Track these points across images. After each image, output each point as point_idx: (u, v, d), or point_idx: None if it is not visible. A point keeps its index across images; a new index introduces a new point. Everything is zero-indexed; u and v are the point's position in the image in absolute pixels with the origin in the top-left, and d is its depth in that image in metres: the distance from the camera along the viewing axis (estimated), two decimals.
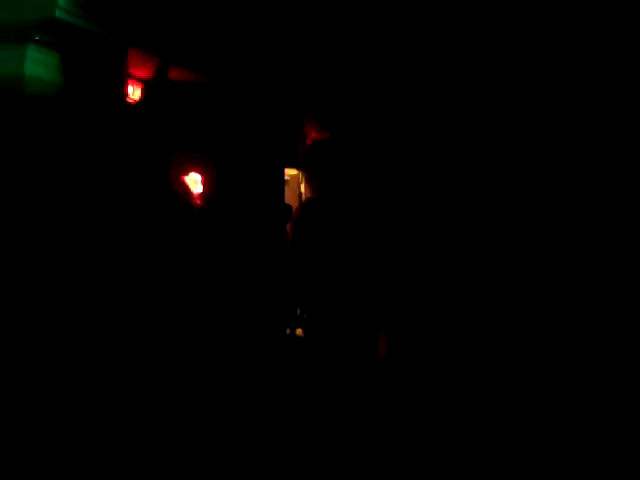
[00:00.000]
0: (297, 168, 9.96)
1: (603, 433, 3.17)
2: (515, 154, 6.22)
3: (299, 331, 4.23)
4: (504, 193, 5.78)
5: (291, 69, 7.07)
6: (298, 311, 4.20)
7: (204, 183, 4.80)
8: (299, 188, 10.40)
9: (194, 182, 4.91)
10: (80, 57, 4.46)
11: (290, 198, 8.99)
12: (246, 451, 3.13)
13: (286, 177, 9.63)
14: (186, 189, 4.28)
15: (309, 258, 2.76)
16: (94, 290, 3.68)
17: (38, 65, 4.17)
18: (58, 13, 4.10)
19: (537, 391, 3.65)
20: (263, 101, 7.63)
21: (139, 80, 6.21)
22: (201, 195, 4.29)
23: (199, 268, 4.06)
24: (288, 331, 4.18)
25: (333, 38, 6.66)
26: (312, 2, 6.23)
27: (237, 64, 6.68)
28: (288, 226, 3.61)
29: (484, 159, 6.24)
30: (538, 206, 5.55)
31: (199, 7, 5.81)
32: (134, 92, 6.25)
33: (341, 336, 2.63)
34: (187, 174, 4.51)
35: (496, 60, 6.31)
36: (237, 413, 3.45)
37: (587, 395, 3.54)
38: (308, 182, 4.30)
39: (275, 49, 6.69)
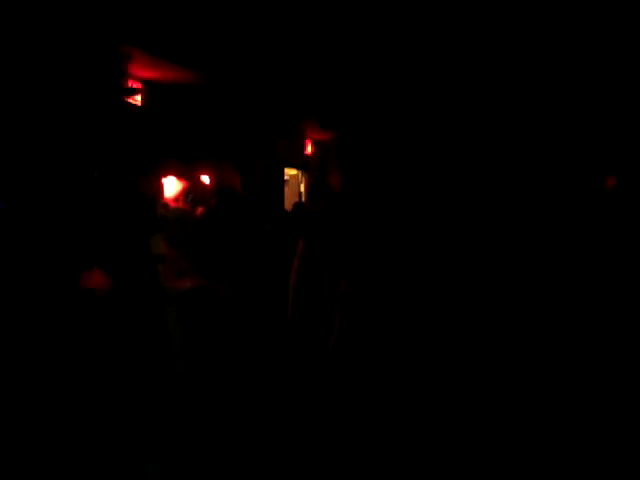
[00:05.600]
0: (297, 168, 9.97)
1: (603, 433, 3.18)
2: (514, 153, 6.22)
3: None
4: (505, 192, 5.79)
5: (291, 69, 7.08)
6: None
7: (201, 184, 4.78)
8: (299, 188, 10.41)
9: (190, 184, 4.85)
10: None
11: (290, 198, 8.99)
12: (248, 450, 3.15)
13: (286, 177, 9.64)
14: (180, 190, 4.23)
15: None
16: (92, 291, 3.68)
17: None
18: None
19: (533, 390, 3.65)
20: (263, 101, 7.63)
21: (140, 80, 6.21)
22: (200, 197, 4.25)
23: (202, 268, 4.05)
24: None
25: (333, 38, 6.67)
26: (313, 2, 6.23)
27: (237, 64, 6.68)
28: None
29: (483, 158, 6.24)
30: (538, 205, 5.55)
31: (199, 7, 5.81)
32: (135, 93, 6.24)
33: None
34: (184, 175, 4.46)
35: (495, 60, 6.33)
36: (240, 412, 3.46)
37: (586, 394, 3.55)
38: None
39: (275, 49, 6.70)
